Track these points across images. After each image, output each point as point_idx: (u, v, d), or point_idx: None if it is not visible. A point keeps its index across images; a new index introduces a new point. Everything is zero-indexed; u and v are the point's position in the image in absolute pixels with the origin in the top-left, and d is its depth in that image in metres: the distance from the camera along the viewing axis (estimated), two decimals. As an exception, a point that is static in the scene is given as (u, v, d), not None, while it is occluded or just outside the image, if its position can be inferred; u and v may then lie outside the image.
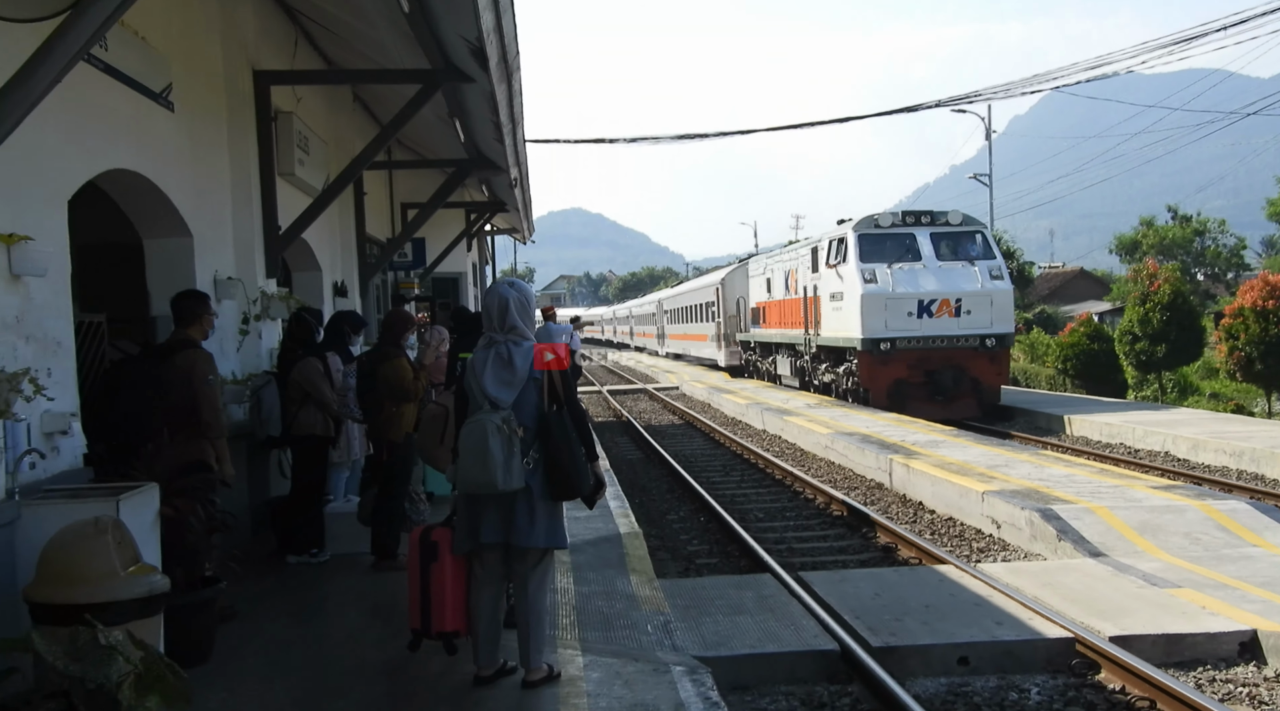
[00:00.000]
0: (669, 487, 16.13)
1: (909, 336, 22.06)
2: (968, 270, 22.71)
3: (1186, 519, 10.49)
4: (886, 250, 22.86)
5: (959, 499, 12.67)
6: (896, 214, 23.78)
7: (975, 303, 22.20)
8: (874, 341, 22.06)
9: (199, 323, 7.80)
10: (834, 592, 8.70)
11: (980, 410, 22.49)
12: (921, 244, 22.95)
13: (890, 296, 22.03)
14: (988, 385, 22.53)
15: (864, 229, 23.25)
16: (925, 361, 22.26)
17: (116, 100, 7.66)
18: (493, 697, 5.69)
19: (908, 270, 22.45)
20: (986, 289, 22.33)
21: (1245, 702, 6.67)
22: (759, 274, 33.83)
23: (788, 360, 29.90)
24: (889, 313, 21.98)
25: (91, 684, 4.19)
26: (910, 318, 22.03)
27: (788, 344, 29.57)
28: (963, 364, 22.22)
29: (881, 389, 22.46)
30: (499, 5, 7.97)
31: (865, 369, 22.63)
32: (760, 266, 34.17)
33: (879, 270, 22.36)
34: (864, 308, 22.06)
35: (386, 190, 20.32)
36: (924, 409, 21.74)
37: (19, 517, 5.45)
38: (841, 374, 24.49)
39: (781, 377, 31.29)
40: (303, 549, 9.07)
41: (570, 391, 5.89)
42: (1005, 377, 23.08)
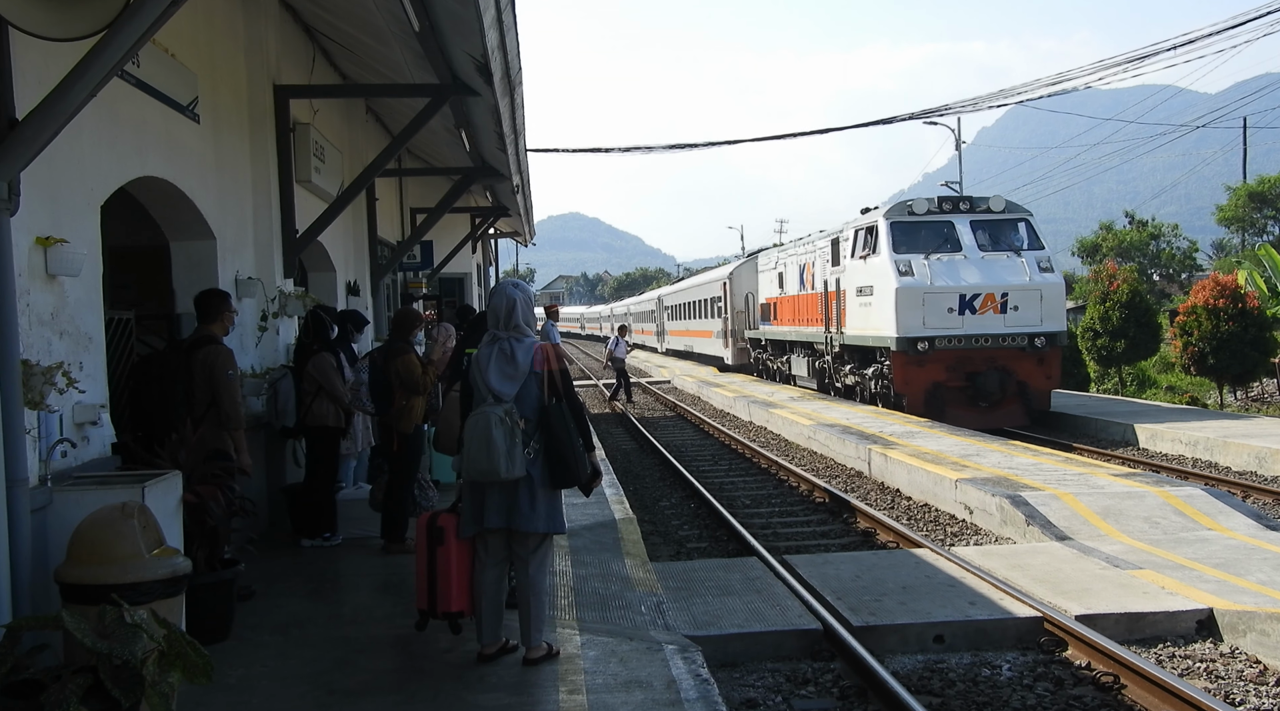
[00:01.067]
0: (661, 476, 16.09)
1: (949, 335, 18.84)
2: (1013, 262, 19.49)
3: (1146, 504, 10.47)
4: (922, 239, 19.68)
5: (934, 486, 12.64)
6: (932, 200, 20.40)
7: (1023, 298, 18.98)
8: (910, 341, 18.78)
9: (221, 320, 7.78)
10: (817, 574, 8.67)
11: (1028, 417, 19.34)
12: (961, 233, 19.70)
13: (928, 290, 18.82)
14: (1036, 389, 19.26)
15: (897, 216, 19.94)
16: (966, 363, 19.04)
17: (147, 113, 7.61)
18: (495, 674, 5.65)
19: (947, 262, 19.28)
20: (1035, 282, 19.12)
21: (1203, 677, 6.64)
22: (770, 268, 30.32)
23: (804, 360, 26.40)
24: (926, 309, 18.80)
25: (118, 660, 4.14)
26: (950, 314, 18.82)
27: (803, 342, 26.34)
28: (1008, 366, 19.02)
29: (917, 393, 19.21)
30: (503, 25, 7.94)
31: (899, 371, 19.25)
32: (771, 260, 30.51)
33: (914, 261, 19.18)
34: (898, 303, 18.88)
35: (397, 196, 20.25)
36: (965, 416, 18.84)
37: (51, 502, 5.42)
38: (870, 376, 21.17)
39: (797, 378, 27.79)
40: (316, 533, 9.03)
41: (568, 385, 5.88)
42: (1056, 381, 19.69)
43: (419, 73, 11.13)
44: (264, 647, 6.22)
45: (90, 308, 6.42)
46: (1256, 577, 7.94)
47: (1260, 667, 6.73)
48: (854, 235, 21.40)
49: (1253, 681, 6.55)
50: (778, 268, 29.08)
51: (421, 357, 8.96)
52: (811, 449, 18.03)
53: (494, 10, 7.45)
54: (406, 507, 8.74)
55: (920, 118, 33.59)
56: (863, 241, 20.87)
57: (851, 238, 21.56)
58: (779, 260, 29.18)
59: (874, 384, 20.92)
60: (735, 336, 35.24)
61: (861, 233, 21.02)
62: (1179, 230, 65.06)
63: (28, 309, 5.53)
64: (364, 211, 16.02)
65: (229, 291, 8.61)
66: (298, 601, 7.33)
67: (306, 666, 5.87)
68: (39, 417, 5.54)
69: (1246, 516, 10.08)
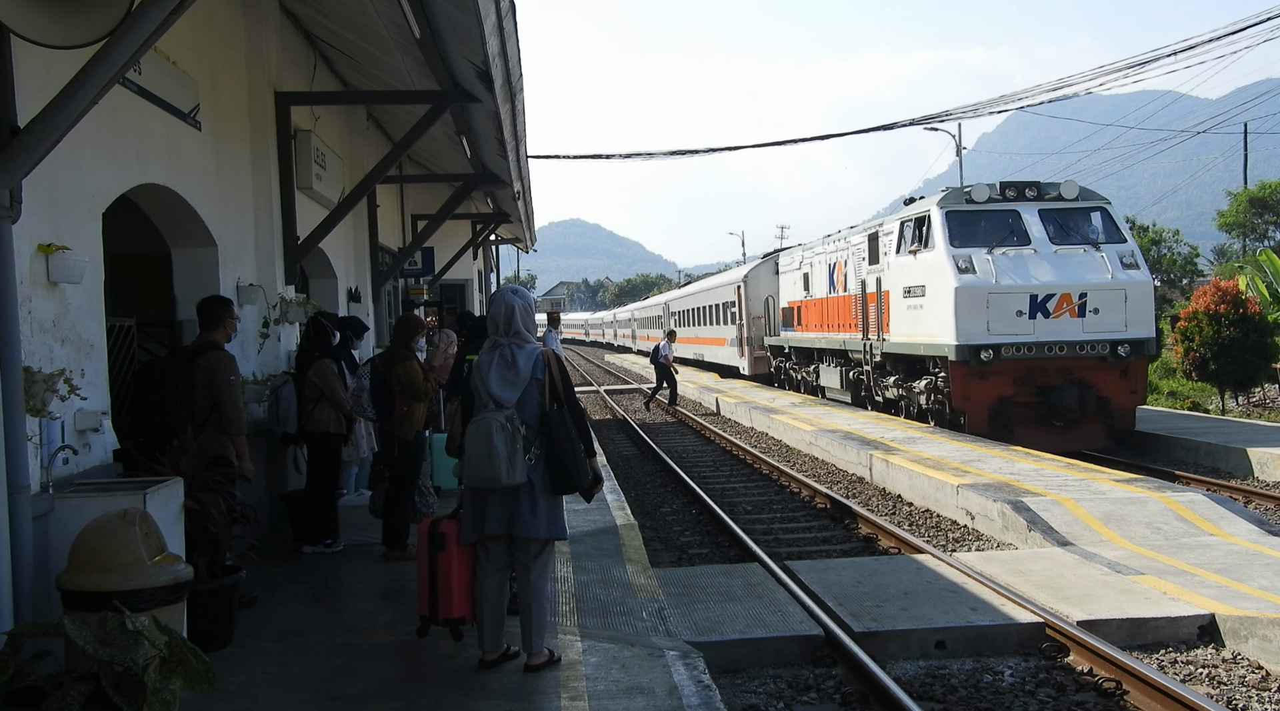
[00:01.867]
0: (662, 482, 16.08)
1: (1018, 342, 16.19)
2: (1092, 257, 16.82)
3: (1148, 510, 10.46)
4: (983, 231, 17.13)
5: (935, 492, 12.64)
6: (993, 186, 17.74)
7: (1105, 299, 16.30)
8: (972, 349, 16.06)
9: (223, 326, 7.79)
10: (818, 580, 8.66)
11: (1109, 438, 16.72)
12: (1029, 223, 17.13)
13: (993, 290, 16.21)
14: (1118, 406, 16.57)
15: (953, 204, 17.38)
16: (1037, 375, 16.43)
17: (148, 120, 7.63)
18: (496, 680, 5.64)
19: (1014, 257, 16.67)
20: (1119, 281, 16.42)
21: (1205, 683, 6.63)
22: (792, 269, 27.69)
23: (835, 370, 23.65)
24: (992, 311, 16.20)
25: (119, 666, 4.15)
26: (1020, 318, 16.22)
27: (834, 350, 23.66)
28: (1087, 378, 16.38)
29: (979, 410, 16.57)
30: (503, 32, 7.96)
31: (959, 385, 16.56)
32: (794, 260, 27.74)
33: (976, 257, 16.57)
34: (959, 305, 16.23)
35: (398, 203, 20.27)
36: (1036, 437, 16.14)
37: (52, 510, 5.42)
38: (921, 390, 18.29)
39: (826, 390, 25.03)
40: (317, 539, 9.03)
41: (569, 391, 5.88)
42: (1141, 397, 17.04)
43: (420, 79, 11.16)
44: (265, 654, 6.21)
45: (92, 315, 6.43)
46: (1259, 583, 7.93)
47: (1262, 673, 6.72)
48: (899, 228, 18.89)
49: (1255, 687, 6.54)
50: (802, 268, 26.50)
51: (423, 364, 8.97)
52: (813, 454, 18.01)
53: (494, 17, 7.47)
54: (407, 514, 8.74)
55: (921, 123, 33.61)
56: (912, 234, 18.23)
57: (896, 231, 19.06)
58: (803, 260, 26.50)
59: (924, 399, 18.27)
60: (752, 344, 32.44)
61: (909, 225, 18.44)
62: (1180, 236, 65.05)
63: (29, 316, 5.54)
64: (365, 218, 16.04)
65: (231, 298, 8.62)
66: (299, 608, 7.32)
67: (308, 673, 5.86)
68: (41, 424, 5.55)
69: (1248, 522, 10.06)
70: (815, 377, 25.72)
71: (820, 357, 25.21)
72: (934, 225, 17.32)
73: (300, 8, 11.41)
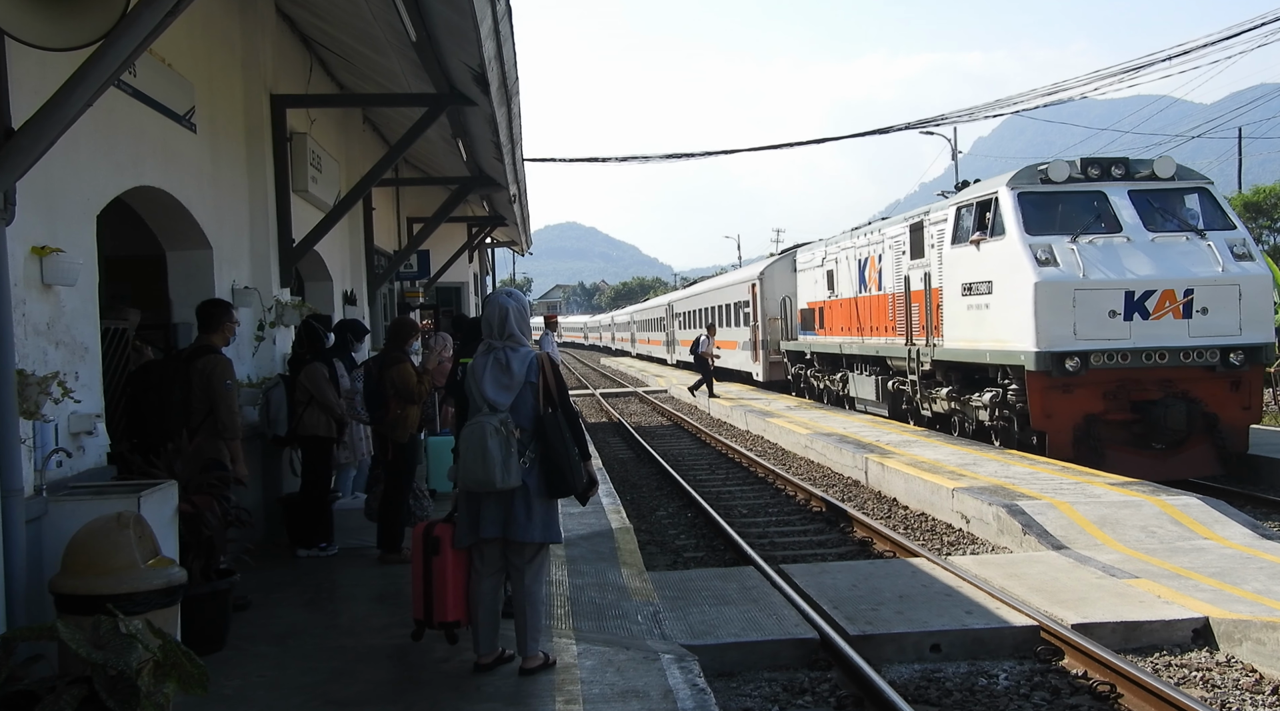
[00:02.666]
0: (658, 485, 16.07)
1: (1111, 349, 13.64)
2: (1197, 246, 14.12)
3: (1143, 513, 10.47)
4: (1063, 216, 14.61)
5: (930, 495, 12.64)
6: (1073, 163, 15.04)
7: (1215, 296, 13.73)
8: (1055, 357, 13.54)
9: (221, 330, 7.81)
10: (813, 584, 8.66)
11: (1221, 463, 13.97)
12: (1118, 206, 14.51)
13: (1081, 286, 13.66)
14: (1229, 424, 13.90)
15: (1026, 185, 14.83)
16: (1132, 387, 13.84)
17: (143, 122, 7.62)
18: (491, 684, 5.63)
19: (1103, 246, 14.05)
20: (1232, 274, 13.80)
21: (1199, 686, 6.64)
22: (812, 266, 25.37)
23: (869, 379, 21.04)
24: (1079, 312, 13.62)
25: (112, 670, 4.14)
26: (1113, 320, 13.64)
27: (869, 357, 21.00)
28: (1192, 391, 13.82)
29: (1063, 429, 13.99)
30: (500, 35, 7.97)
31: (1039, 399, 13.96)
32: (814, 256, 25.32)
33: (1057, 246, 14.00)
34: (1039, 304, 13.67)
35: (394, 205, 20.27)
36: (1134, 462, 13.70)
37: (46, 513, 5.42)
38: (983, 404, 15.65)
39: (858, 401, 22.31)
40: (312, 543, 9.02)
41: (564, 395, 5.88)
42: (1256, 413, 14.38)
43: (416, 82, 11.16)
44: (260, 658, 6.20)
45: (86, 317, 6.41)
46: (1252, 586, 7.94)
47: (1256, 676, 6.73)
48: (953, 215, 16.47)
49: (1249, 690, 6.54)
50: (824, 265, 24.03)
51: (417, 367, 8.97)
52: (808, 458, 18.01)
53: (490, 20, 7.47)
54: (401, 517, 8.73)
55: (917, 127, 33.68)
56: (974, 221, 15.65)
57: (949, 218, 16.61)
58: (826, 256, 24.06)
59: (989, 414, 15.58)
60: (767, 347, 30.05)
61: (969, 211, 15.93)
62: (1176, 239, 65.11)
63: (23, 318, 5.53)
64: (361, 221, 16.03)
65: (230, 301, 8.61)
66: (294, 611, 7.31)
67: (303, 677, 5.85)
68: (34, 427, 5.54)
69: (1243, 525, 10.08)
70: (843, 387, 23.19)
71: (849, 365, 22.64)
72: (1004, 209, 14.75)
73: (296, 10, 11.40)
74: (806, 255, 26.45)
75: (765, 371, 30.31)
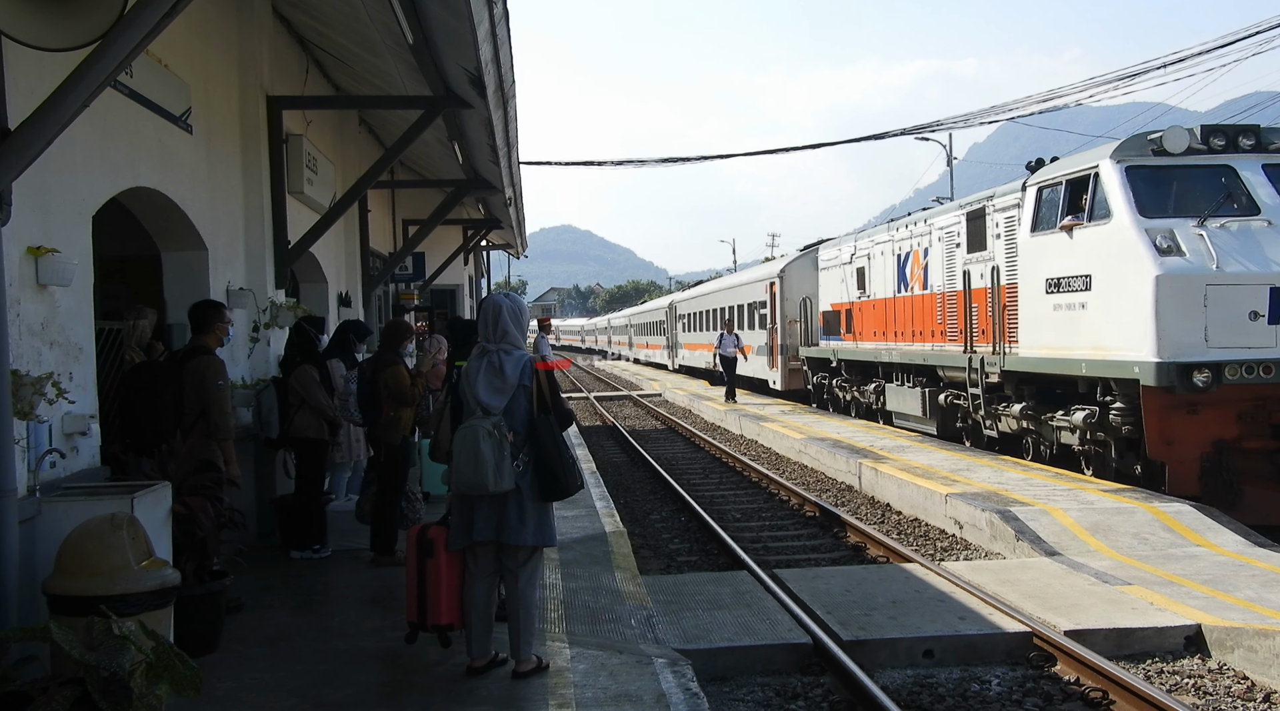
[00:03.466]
0: (652, 489, 16.07)
1: (1253, 360, 11.13)
2: None
3: (1135, 520, 10.48)
4: (1181, 196, 12.14)
5: (924, 501, 12.65)
6: (1193, 132, 12.40)
7: None
8: (1181, 369, 11.03)
9: (214, 331, 7.80)
10: (807, 589, 8.66)
11: None
12: (1253, 184, 12.00)
13: (1215, 280, 11.16)
14: None
15: (1135, 157, 12.33)
16: (1274, 408, 11.42)
17: (140, 123, 7.62)
18: (484, 687, 5.63)
19: (1238, 232, 11.57)
20: None
21: (1191, 693, 6.65)
22: (838, 263, 22.87)
23: (913, 392, 18.16)
24: (1212, 312, 11.15)
25: (105, 671, 4.13)
26: (1255, 323, 11.17)
27: (913, 366, 18.32)
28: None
29: (1188, 459, 11.48)
30: (496, 38, 7.98)
31: (1156, 421, 11.46)
32: (840, 252, 22.84)
33: (1180, 232, 11.55)
34: (1162, 302, 11.21)
35: (389, 208, 20.27)
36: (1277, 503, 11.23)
37: (39, 514, 5.41)
38: (1075, 426, 13.03)
39: (896, 416, 19.47)
40: (306, 545, 9.01)
41: (557, 397, 5.88)
42: None
43: (412, 85, 11.17)
44: (252, 660, 6.20)
45: (81, 318, 6.41)
46: (1244, 594, 7.96)
47: (1248, 684, 6.74)
48: (1033, 197, 13.94)
49: (1240, 697, 6.56)
50: (853, 262, 21.62)
51: (411, 370, 8.97)
52: (802, 463, 18.02)
53: (487, 24, 7.49)
54: (395, 519, 8.73)
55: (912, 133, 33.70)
56: (1065, 202, 13.14)
57: (1028, 202, 14.04)
58: (856, 251, 21.61)
59: (1079, 438, 13.07)
60: (786, 353, 27.55)
61: (1059, 190, 13.33)
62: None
63: (18, 319, 5.53)
64: (356, 223, 16.04)
65: (223, 302, 8.61)
66: (287, 614, 7.30)
67: (295, 679, 5.85)
68: (28, 428, 5.54)
69: (1235, 533, 10.09)
70: (878, 400, 20.31)
71: (887, 375, 19.95)
72: (1107, 187, 12.27)
73: (293, 12, 11.41)
74: (831, 251, 23.95)
75: (784, 379, 27.86)
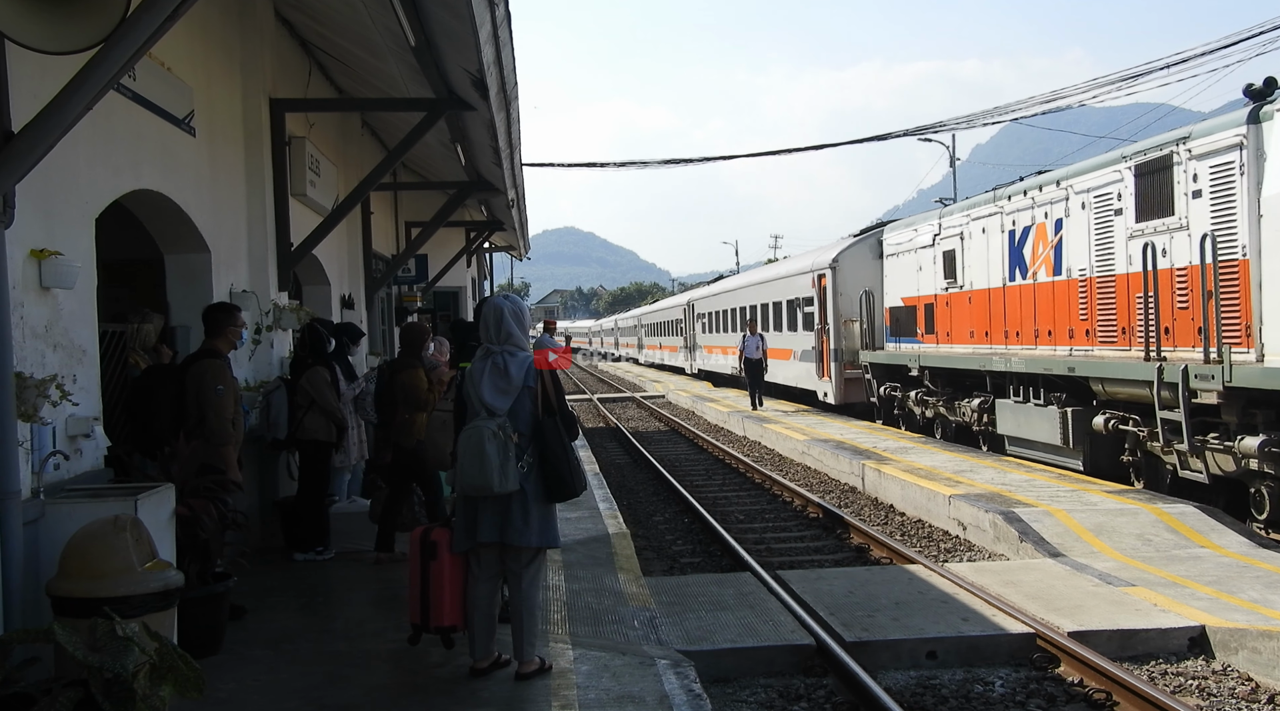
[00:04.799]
0: (655, 490, 16.08)
1: None
2: None
3: (1139, 521, 10.47)
4: None
5: (927, 502, 12.65)
6: None
7: None
8: None
9: (225, 334, 7.79)
10: (810, 590, 8.66)
11: None
12: None
13: None
14: None
15: None
16: None
17: (142, 126, 7.63)
18: (487, 688, 5.64)
19: None
20: None
21: (1195, 694, 6.64)
22: (912, 247, 19.15)
23: (1048, 413, 13.82)
24: None
25: (109, 673, 4.14)
26: None
27: (1044, 377, 14.17)
28: None
29: None
30: (499, 40, 7.98)
31: None
32: (918, 234, 18.91)
33: None
34: None
35: (392, 210, 20.28)
36: None
37: (43, 516, 5.41)
38: None
39: (1011, 442, 15.30)
40: (308, 547, 9.02)
41: (561, 398, 5.89)
42: None
43: (415, 87, 11.17)
44: (255, 662, 6.20)
45: (84, 320, 6.42)
46: (1249, 595, 7.95)
47: (1252, 685, 6.73)
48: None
49: (1244, 699, 6.55)
50: (937, 244, 17.82)
51: (429, 374, 8.97)
52: (805, 464, 18.01)
53: (490, 26, 7.49)
54: (395, 519, 8.77)
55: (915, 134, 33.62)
56: None
57: (1269, 141, 10.35)
58: (941, 231, 17.72)
59: None
60: (841, 359, 22.75)
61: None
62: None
63: (21, 321, 5.53)
64: (359, 225, 16.05)
65: (236, 305, 8.60)
66: (289, 615, 7.31)
67: (298, 681, 5.85)
68: (32, 430, 5.54)
69: (1239, 534, 10.07)
70: (981, 420, 16.10)
71: (995, 387, 15.83)
72: None
73: (295, 15, 11.43)
74: (901, 234, 20.20)
75: (839, 390, 22.92)
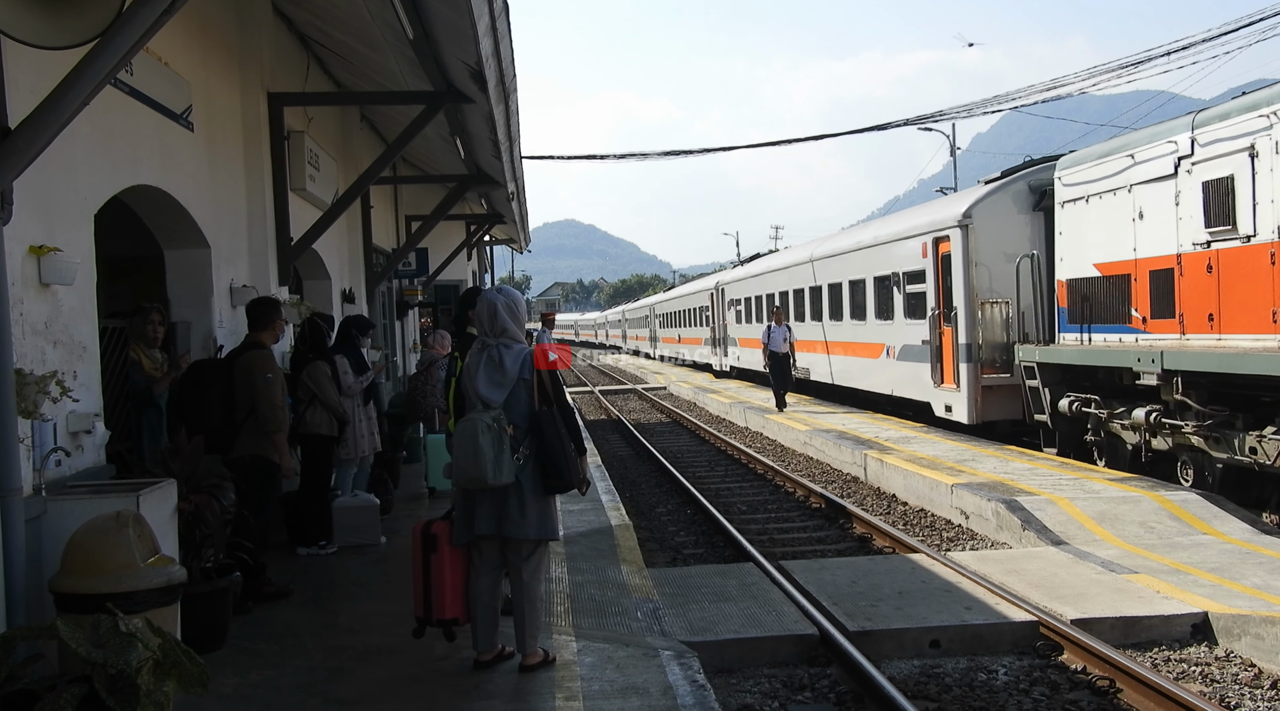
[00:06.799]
0: (657, 482, 16.08)
1: None
2: None
3: (1141, 509, 10.47)
4: None
5: (930, 491, 12.65)
6: None
7: None
8: None
9: (271, 328, 7.97)
10: (813, 580, 8.66)
11: None
12: None
13: None
14: None
15: None
16: None
17: (140, 121, 7.61)
18: (491, 681, 5.64)
19: None
20: None
21: (1198, 681, 6.65)
22: (1129, 182, 13.02)
23: None
24: None
25: (112, 669, 4.14)
26: None
27: None
28: None
29: None
30: (497, 32, 7.96)
31: None
32: (1137, 161, 12.90)
33: None
34: None
35: (392, 203, 20.25)
36: None
37: (45, 512, 5.41)
38: None
39: None
40: (312, 541, 9.04)
41: (558, 391, 5.89)
42: None
43: (413, 80, 11.15)
44: (259, 656, 6.21)
45: (84, 316, 6.42)
46: (1251, 581, 7.95)
47: (1255, 671, 6.74)
48: None
49: (1247, 685, 6.55)
50: (1189, 172, 11.83)
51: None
52: (807, 454, 18.01)
53: (488, 18, 7.47)
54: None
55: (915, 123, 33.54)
56: None
57: None
58: (1196, 148, 11.81)
59: None
60: (977, 360, 16.02)
61: None
62: (1174, 235, 64.87)
63: (21, 318, 5.53)
64: (359, 219, 16.02)
65: (279, 300, 8.66)
66: (293, 610, 7.32)
67: (302, 675, 5.86)
68: (33, 426, 5.54)
69: (1241, 521, 10.08)
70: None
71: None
72: None
73: (293, 9, 11.39)
74: (1090, 170, 14.08)
75: (974, 403, 16.19)
